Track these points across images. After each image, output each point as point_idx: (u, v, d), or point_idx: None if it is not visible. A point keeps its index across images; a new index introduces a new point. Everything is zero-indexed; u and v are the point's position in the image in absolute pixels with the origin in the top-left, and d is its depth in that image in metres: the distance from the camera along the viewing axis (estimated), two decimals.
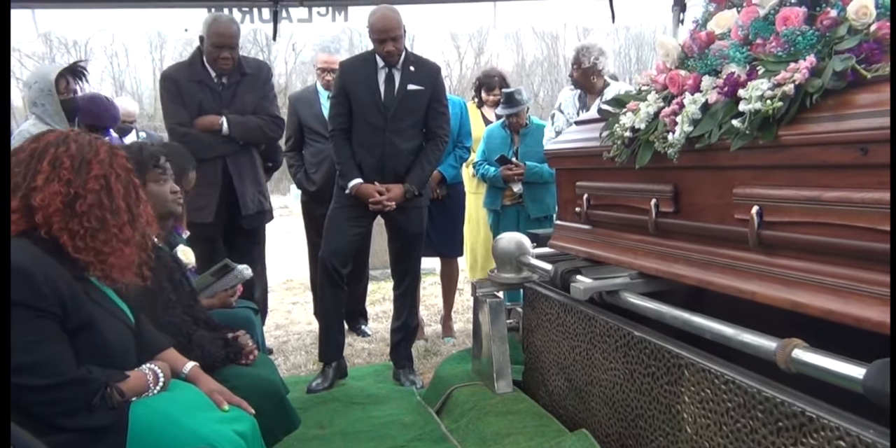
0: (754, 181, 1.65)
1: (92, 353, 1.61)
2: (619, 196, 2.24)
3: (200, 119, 3.39)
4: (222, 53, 3.36)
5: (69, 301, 1.56)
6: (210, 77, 3.41)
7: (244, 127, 3.45)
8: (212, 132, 3.39)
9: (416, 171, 3.32)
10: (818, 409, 1.37)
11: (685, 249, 1.94)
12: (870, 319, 1.34)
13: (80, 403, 1.54)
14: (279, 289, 6.44)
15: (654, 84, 2.07)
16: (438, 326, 4.57)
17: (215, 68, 3.40)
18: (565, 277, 2.35)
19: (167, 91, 3.39)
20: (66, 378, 1.53)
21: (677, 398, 1.80)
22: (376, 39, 3.23)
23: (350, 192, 3.27)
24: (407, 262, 3.52)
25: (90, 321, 1.60)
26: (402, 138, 3.30)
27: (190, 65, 3.44)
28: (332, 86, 3.52)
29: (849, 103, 1.42)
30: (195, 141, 3.27)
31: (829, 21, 1.55)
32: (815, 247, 1.50)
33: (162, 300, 2.06)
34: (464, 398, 2.75)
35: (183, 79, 3.38)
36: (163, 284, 2.10)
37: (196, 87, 3.38)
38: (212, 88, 3.41)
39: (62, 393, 1.52)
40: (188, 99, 3.35)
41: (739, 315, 1.70)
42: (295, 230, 10.68)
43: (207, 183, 3.25)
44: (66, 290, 1.55)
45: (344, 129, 3.33)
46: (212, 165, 3.37)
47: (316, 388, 3.27)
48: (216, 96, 3.42)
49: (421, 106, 3.32)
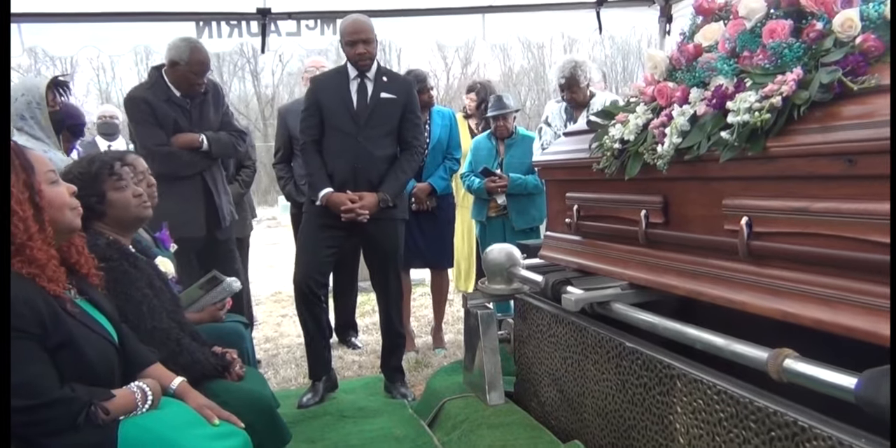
0: (743, 192, 1.66)
1: (74, 370, 1.59)
2: (608, 207, 2.25)
3: (180, 136, 3.42)
4: (200, 80, 3.44)
5: (48, 319, 1.55)
6: (177, 96, 3.45)
7: (220, 143, 3.53)
8: (191, 149, 3.45)
9: (390, 180, 3.29)
10: (810, 419, 1.37)
11: (675, 260, 1.95)
12: (859, 329, 1.35)
13: (65, 423, 1.52)
14: (268, 301, 6.41)
15: (642, 96, 2.09)
16: (429, 338, 4.56)
17: (189, 91, 3.44)
18: (556, 288, 2.35)
19: (140, 112, 3.38)
20: (49, 398, 1.51)
21: (670, 409, 1.81)
22: (348, 42, 3.23)
23: (321, 202, 3.23)
24: (385, 278, 3.46)
25: (71, 339, 1.59)
26: (376, 146, 3.27)
27: (153, 86, 3.45)
28: (305, 99, 3.51)
29: (836, 115, 1.43)
30: (178, 159, 3.37)
31: (815, 34, 1.57)
32: (804, 257, 1.51)
33: (147, 306, 2.05)
34: (456, 410, 2.75)
35: (154, 99, 3.39)
36: (144, 291, 2.09)
37: (166, 106, 3.41)
38: (182, 107, 3.45)
39: (46, 413, 1.50)
40: (163, 119, 3.38)
41: (731, 323, 1.71)
42: (283, 242, 10.67)
43: (191, 198, 3.40)
44: (44, 309, 1.54)
45: (314, 140, 3.31)
46: (192, 181, 3.46)
47: (307, 404, 3.24)
48: (186, 115, 3.47)
49: (394, 114, 3.30)
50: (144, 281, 2.10)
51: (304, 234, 3.37)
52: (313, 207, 3.30)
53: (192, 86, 3.43)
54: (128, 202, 2.22)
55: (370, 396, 3.42)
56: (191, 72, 3.39)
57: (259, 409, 2.05)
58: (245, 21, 4.45)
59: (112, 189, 2.19)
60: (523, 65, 26.46)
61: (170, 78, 3.42)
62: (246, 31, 4.45)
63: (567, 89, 3.90)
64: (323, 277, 3.37)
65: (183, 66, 3.37)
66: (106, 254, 2.03)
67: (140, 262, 2.18)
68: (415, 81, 3.59)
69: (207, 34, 4.40)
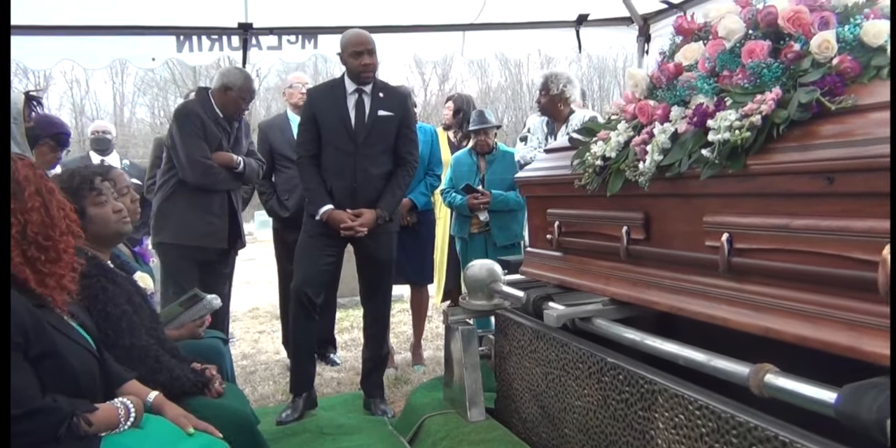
0: (724, 209, 1.68)
1: (56, 380, 1.58)
2: (590, 223, 2.27)
3: (220, 155, 3.62)
4: (246, 105, 3.74)
5: (31, 329, 1.53)
6: (221, 118, 3.66)
7: (251, 167, 3.78)
8: (227, 168, 3.64)
9: (388, 196, 3.32)
10: (791, 434, 1.38)
11: (657, 276, 1.97)
12: (840, 344, 1.37)
13: (46, 434, 1.49)
14: (245, 317, 6.35)
15: (623, 113, 2.12)
16: (408, 354, 4.54)
17: (234, 115, 3.70)
18: (538, 304, 2.36)
19: (192, 125, 3.55)
20: (31, 408, 1.49)
21: (651, 424, 1.81)
22: (353, 53, 3.23)
23: (321, 218, 3.24)
24: (378, 290, 3.49)
25: (54, 348, 1.58)
26: (373, 164, 3.29)
27: (203, 104, 3.65)
28: (301, 112, 3.53)
29: (814, 134, 1.46)
30: (216, 174, 3.58)
31: (792, 54, 1.60)
32: (784, 273, 1.53)
33: (125, 323, 2.03)
34: (436, 427, 2.73)
35: (205, 116, 3.59)
36: (123, 308, 2.07)
37: (215, 126, 3.62)
38: (224, 129, 3.68)
39: (27, 424, 1.47)
40: (210, 136, 3.58)
41: (712, 339, 1.73)
42: (260, 257, 10.59)
43: (218, 213, 3.66)
44: (27, 319, 1.53)
45: (312, 155, 3.32)
46: (221, 197, 3.67)
47: (286, 420, 3.21)
48: (227, 137, 3.69)
49: (391, 131, 3.32)
50: (123, 297, 2.08)
51: (303, 243, 3.37)
52: (312, 218, 3.31)
53: (239, 110, 3.71)
54: (107, 218, 2.21)
55: (349, 413, 3.39)
56: (241, 98, 3.64)
57: (239, 426, 2.03)
58: (226, 35, 4.44)
59: (92, 204, 2.18)
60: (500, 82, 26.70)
61: (217, 101, 3.63)
62: (227, 45, 4.44)
63: (538, 93, 4.00)
64: (320, 286, 3.37)
65: (235, 91, 3.61)
66: (84, 270, 2.01)
67: (119, 277, 2.15)
68: (409, 95, 3.62)
69: (188, 48, 4.38)
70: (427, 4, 4.63)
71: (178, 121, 3.62)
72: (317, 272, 3.31)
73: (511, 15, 4.84)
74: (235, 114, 3.69)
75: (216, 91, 3.63)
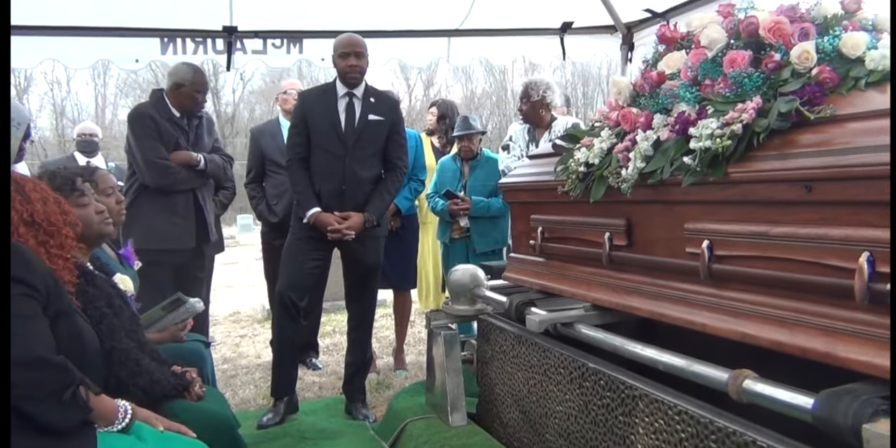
0: (705, 216, 1.70)
1: (68, 344, 1.58)
2: (573, 229, 2.29)
3: (179, 154, 3.60)
4: (202, 97, 3.73)
5: (51, 288, 1.57)
6: (177, 117, 3.64)
7: (214, 163, 3.74)
8: (188, 167, 3.62)
9: (376, 200, 3.33)
10: (769, 439, 1.40)
11: (638, 282, 1.98)
12: (815, 350, 1.39)
13: (52, 390, 1.46)
14: (226, 321, 6.31)
15: (607, 120, 2.13)
16: (390, 359, 4.54)
17: (192, 110, 3.68)
18: (520, 309, 2.37)
19: (145, 127, 3.53)
20: (45, 357, 1.47)
21: (632, 429, 1.83)
22: (341, 54, 3.27)
23: (309, 221, 3.24)
24: (363, 294, 3.50)
25: (69, 309, 1.62)
26: (363, 167, 3.30)
27: (156, 105, 3.63)
28: (292, 115, 3.54)
29: (794, 143, 1.49)
30: (176, 174, 3.55)
31: (773, 64, 1.63)
32: (763, 280, 1.55)
33: (105, 326, 2.01)
34: (418, 431, 2.73)
35: (159, 117, 3.56)
36: (103, 310, 2.05)
37: (170, 125, 3.59)
38: (182, 128, 3.65)
39: (38, 373, 1.44)
40: (165, 136, 3.56)
41: (693, 344, 1.74)
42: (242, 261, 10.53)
43: (183, 213, 3.61)
44: (49, 278, 1.59)
45: (301, 158, 3.33)
46: (185, 197, 3.64)
47: (267, 424, 3.20)
48: (185, 135, 3.67)
49: (381, 136, 3.33)
50: (104, 300, 2.06)
51: (290, 246, 3.37)
52: (300, 221, 3.32)
53: (196, 104, 3.69)
54: (90, 218, 2.21)
55: (331, 418, 3.38)
56: (195, 91, 3.64)
57: (220, 430, 2.02)
58: (210, 38, 4.43)
59: (74, 205, 2.15)
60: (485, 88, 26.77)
61: (172, 100, 3.63)
62: (211, 48, 4.43)
63: (520, 101, 4.03)
64: (305, 290, 3.39)
65: (188, 87, 3.60)
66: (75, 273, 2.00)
67: (98, 280, 2.13)
68: (399, 101, 3.64)
69: (172, 50, 4.36)
70: (413, 10, 4.64)
71: (130, 124, 3.62)
72: (301, 276, 3.31)
73: (496, 21, 4.86)
74: (194, 108, 3.68)
75: (169, 91, 3.63)
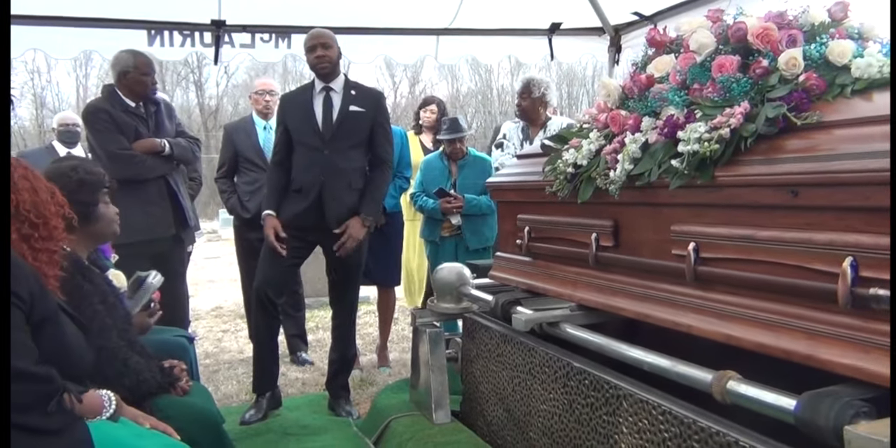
0: (691, 219, 1.73)
1: (52, 348, 1.58)
2: (560, 229, 2.30)
3: (142, 142, 3.55)
4: (152, 79, 3.64)
5: (37, 292, 1.56)
6: (132, 107, 3.60)
7: (180, 147, 3.69)
8: (153, 153, 3.57)
9: (367, 201, 3.31)
10: (751, 439, 1.42)
11: (624, 283, 2.00)
12: (798, 352, 1.41)
13: (37, 401, 1.47)
14: (208, 316, 6.29)
15: (595, 122, 2.15)
16: (374, 356, 4.53)
17: (141, 95, 3.61)
18: (506, 308, 2.38)
19: (101, 121, 3.50)
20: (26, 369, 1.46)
21: (615, 428, 1.85)
22: (308, 48, 3.30)
23: (262, 221, 3.28)
24: (346, 291, 3.49)
25: (55, 314, 1.60)
26: (343, 158, 3.29)
27: (110, 98, 3.59)
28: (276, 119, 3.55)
29: (780, 148, 1.51)
30: (141, 162, 3.51)
31: (761, 70, 1.65)
32: (748, 283, 1.57)
33: (97, 324, 2.00)
34: (402, 429, 2.74)
35: (113, 110, 3.53)
36: (96, 307, 2.04)
37: (126, 116, 3.55)
38: (139, 116, 3.61)
39: (20, 385, 1.43)
40: (123, 127, 3.52)
41: (678, 345, 1.77)
42: (224, 256, 10.48)
43: (157, 200, 3.58)
44: (34, 283, 1.57)
45: (278, 160, 3.36)
46: (157, 184, 3.59)
47: (249, 420, 3.20)
48: (144, 123, 3.62)
49: (363, 128, 3.33)
50: (98, 297, 2.05)
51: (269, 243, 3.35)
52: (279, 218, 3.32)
53: (146, 87, 3.60)
54: (112, 218, 2.25)
55: (314, 414, 3.38)
56: (140, 74, 3.56)
57: (205, 425, 2.02)
58: (199, 31, 4.40)
59: (102, 202, 2.21)
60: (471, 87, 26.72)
61: (123, 89, 3.58)
62: (199, 41, 4.41)
63: (519, 96, 4.04)
64: (283, 286, 3.40)
65: (133, 71, 3.54)
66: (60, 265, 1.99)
67: (95, 276, 2.13)
68: (383, 95, 3.64)
69: (159, 43, 4.32)
70: (402, 8, 4.64)
71: (86, 122, 3.61)
72: (278, 273, 3.31)
73: (485, 21, 4.88)
74: (145, 92, 3.61)
75: (118, 82, 3.59)
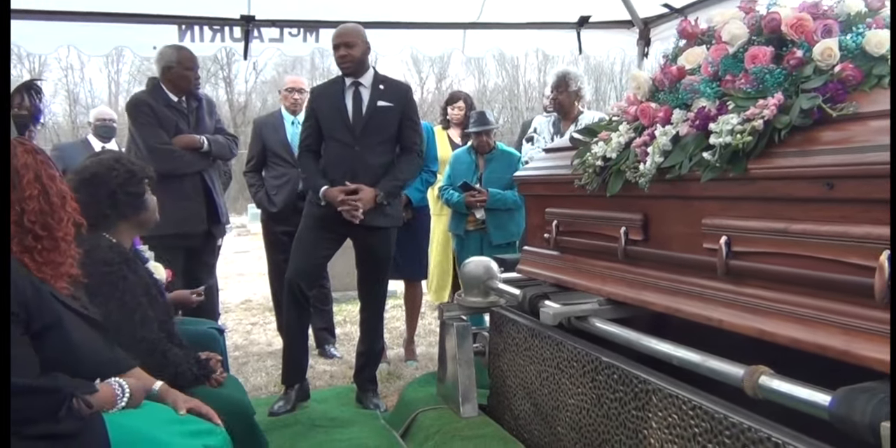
0: (723, 212, 1.70)
1: (58, 353, 1.58)
2: (588, 223, 2.29)
3: (181, 137, 3.64)
4: (195, 74, 3.72)
5: (32, 302, 1.53)
6: (175, 102, 3.68)
7: (218, 144, 3.76)
8: (191, 149, 3.65)
9: (387, 178, 3.30)
10: (785, 435, 1.40)
11: (654, 277, 1.98)
12: (834, 348, 1.39)
13: (46, 412, 1.47)
14: (238, 309, 6.36)
15: (625, 115, 2.13)
16: (401, 350, 4.55)
17: (184, 89, 3.69)
18: (534, 302, 2.37)
19: (143, 114, 3.58)
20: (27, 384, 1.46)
21: (644, 423, 1.83)
22: (333, 46, 3.32)
23: (322, 199, 3.23)
24: (375, 285, 3.50)
25: (58, 320, 1.58)
26: (373, 154, 3.30)
27: (153, 91, 3.68)
28: (305, 111, 3.58)
29: (815, 140, 1.48)
30: (180, 158, 3.60)
31: (795, 61, 1.62)
32: (781, 277, 1.55)
33: (139, 315, 2.03)
34: (429, 422, 2.74)
35: (155, 104, 3.61)
36: (140, 299, 2.08)
37: (167, 110, 3.63)
38: (180, 111, 3.69)
39: (25, 399, 1.45)
40: (164, 121, 3.60)
41: (705, 340, 1.75)
42: (253, 250, 10.57)
43: (192, 195, 3.66)
44: (30, 291, 1.54)
45: (311, 149, 3.37)
46: (193, 179, 3.68)
47: (278, 411, 3.22)
48: (185, 118, 3.70)
49: (391, 122, 3.33)
50: (141, 289, 2.09)
51: (300, 234, 3.37)
52: (312, 209, 3.33)
53: (189, 81, 3.68)
54: (155, 206, 2.29)
55: (342, 406, 3.40)
56: (183, 68, 3.64)
57: (238, 416, 2.04)
58: (228, 26, 4.44)
59: (147, 192, 2.26)
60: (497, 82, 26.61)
61: (167, 84, 3.67)
62: (228, 36, 4.45)
63: (555, 89, 4.01)
64: (315, 278, 3.43)
65: (176, 66, 3.63)
66: (108, 257, 2.03)
67: (140, 268, 2.18)
68: (411, 89, 3.65)
69: (189, 38, 4.37)
70: (429, 1, 4.63)
71: (129, 114, 3.68)
72: (311, 265, 3.33)
73: (512, 15, 4.85)
74: (189, 87, 3.69)
75: (162, 76, 3.68)
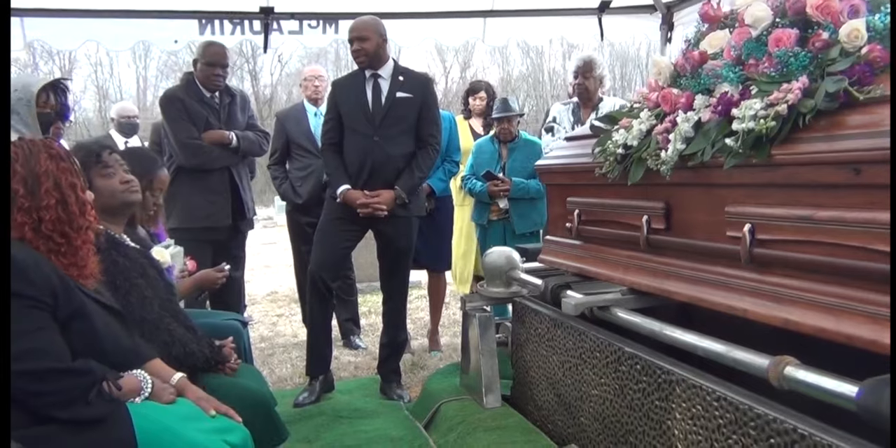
0: (747, 199, 1.67)
1: (85, 342, 1.62)
2: (610, 212, 2.26)
3: (211, 133, 3.69)
4: (215, 71, 3.72)
5: (60, 290, 1.58)
6: (207, 97, 3.72)
7: (248, 140, 3.82)
8: (220, 145, 3.70)
9: (406, 177, 3.32)
10: (810, 427, 1.37)
11: (677, 266, 1.95)
12: (861, 337, 1.35)
13: (78, 395, 1.52)
14: (264, 301, 6.40)
15: (646, 101, 2.09)
16: (425, 340, 4.56)
17: (209, 85, 3.72)
18: (556, 292, 2.35)
19: (175, 109, 3.65)
20: (66, 365, 1.53)
21: (668, 414, 1.81)
22: (349, 40, 3.33)
23: (339, 198, 3.27)
24: (397, 276, 3.51)
25: (82, 308, 1.62)
26: (392, 144, 3.31)
27: (186, 87, 3.73)
28: (326, 103, 3.60)
29: (841, 124, 1.44)
30: (208, 153, 3.68)
31: (820, 43, 1.57)
32: (807, 265, 1.51)
33: (135, 296, 2.05)
34: (452, 413, 2.74)
35: (187, 99, 3.66)
36: (135, 281, 2.09)
37: (199, 105, 3.68)
38: (212, 107, 3.74)
39: (61, 382, 1.50)
40: (195, 116, 3.66)
41: (730, 330, 1.72)
42: (280, 242, 10.64)
43: (219, 190, 3.74)
44: (56, 280, 1.58)
45: (333, 143, 3.38)
46: (221, 175, 3.76)
47: (303, 402, 3.25)
48: (216, 114, 3.75)
49: (411, 113, 3.33)
50: (136, 271, 2.10)
51: (322, 226, 3.40)
52: (333, 202, 3.36)
53: (210, 77, 3.69)
54: (114, 189, 2.22)
55: (366, 397, 3.41)
56: (205, 64, 3.69)
57: (257, 407, 2.05)
58: (248, 19, 4.47)
59: (98, 176, 2.19)
60: (522, 70, 26.45)
61: (199, 80, 3.72)
62: (248, 28, 4.47)
63: (580, 75, 3.95)
64: (337, 270, 3.47)
65: (202, 62, 3.68)
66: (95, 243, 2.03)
67: (131, 251, 2.17)
68: (431, 80, 3.64)
69: (210, 31, 4.41)
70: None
71: (162, 108, 3.74)
72: (333, 257, 3.35)
73: (532, 1, 4.81)
74: (212, 83, 3.71)
75: (195, 71, 3.73)
